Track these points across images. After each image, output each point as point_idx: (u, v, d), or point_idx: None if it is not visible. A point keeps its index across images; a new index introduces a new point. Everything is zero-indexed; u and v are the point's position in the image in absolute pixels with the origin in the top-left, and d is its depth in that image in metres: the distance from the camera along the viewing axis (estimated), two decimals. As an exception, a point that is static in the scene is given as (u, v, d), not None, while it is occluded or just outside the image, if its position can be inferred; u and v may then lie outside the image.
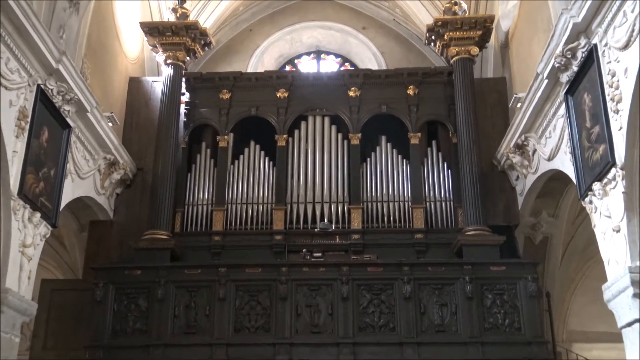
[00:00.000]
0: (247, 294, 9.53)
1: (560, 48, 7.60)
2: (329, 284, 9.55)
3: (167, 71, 11.40)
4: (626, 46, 6.38)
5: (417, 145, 11.28)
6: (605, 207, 6.87)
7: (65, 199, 8.77)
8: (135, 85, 12.08)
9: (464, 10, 11.37)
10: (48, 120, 7.95)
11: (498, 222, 10.60)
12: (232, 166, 11.38)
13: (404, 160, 11.25)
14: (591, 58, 7.05)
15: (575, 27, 7.25)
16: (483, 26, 11.12)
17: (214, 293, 9.50)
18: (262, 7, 15.33)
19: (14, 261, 7.30)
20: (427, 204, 10.91)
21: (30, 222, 7.58)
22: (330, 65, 15.68)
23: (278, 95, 11.62)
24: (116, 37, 11.74)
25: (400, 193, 10.99)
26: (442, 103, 11.52)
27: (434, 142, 11.42)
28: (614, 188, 6.68)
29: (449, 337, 9.21)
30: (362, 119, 11.48)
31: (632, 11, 6.27)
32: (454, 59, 11.23)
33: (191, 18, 11.85)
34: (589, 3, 6.90)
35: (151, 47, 11.75)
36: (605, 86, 6.77)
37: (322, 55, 15.84)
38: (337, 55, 15.87)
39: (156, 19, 12.93)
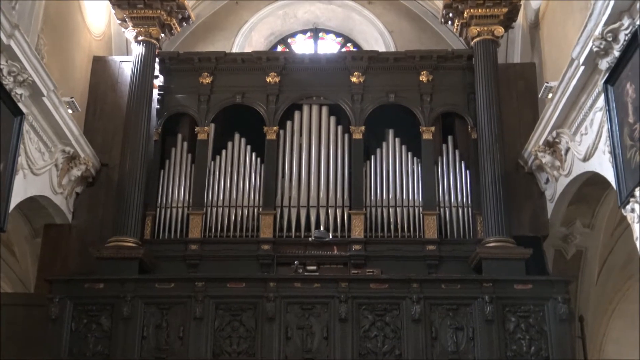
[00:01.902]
0: (229, 312, 9.54)
1: (599, 29, 7.60)
2: (324, 302, 9.55)
3: (138, 50, 11.38)
4: (677, 28, 6.40)
5: (430, 141, 11.30)
6: (650, 216, 6.87)
7: (16, 199, 8.73)
8: (100, 66, 12.04)
9: (488, -17, 11.37)
10: (-4, 105, 7.91)
11: (524, 233, 10.62)
12: (212, 162, 11.38)
13: (415, 158, 11.27)
14: (635, 41, 7.05)
15: (617, 5, 7.25)
16: (509, 2, 11.14)
17: (190, 311, 9.50)
18: (250, -24, 15.33)
19: (-46, 271, 7.29)
20: (441, 210, 10.93)
21: (-27, 225, 7.56)
22: (329, 46, 15.68)
23: (268, 80, 11.62)
24: (78, 9, 11.70)
25: (410, 197, 11.00)
26: (460, 92, 11.54)
27: (450, 138, 11.44)
28: (660, 194, 6.69)
29: (465, 366, 9.23)
30: (366, 110, 11.49)
31: (684, -13, 6.28)
32: (475, 40, 11.24)
33: (167, -12, 11.82)
34: (633, -23, 6.92)
35: (119, 22, 11.72)
36: (652, 75, 6.78)
37: (321, 34, 15.82)
38: (337, 35, 15.87)
39: (126, -12, 12.89)
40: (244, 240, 10.85)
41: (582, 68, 8.44)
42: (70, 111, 10.20)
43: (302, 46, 15.67)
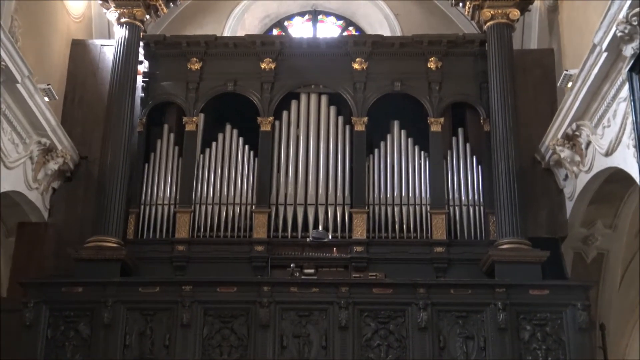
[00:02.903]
0: (219, 319, 9.54)
1: (623, 13, 7.60)
2: (323, 308, 9.56)
3: (121, 33, 11.36)
4: None
5: (439, 133, 11.31)
6: (678, 216, 6.89)
7: (-13, 194, 8.75)
8: (80, 50, 12.07)
9: (503, -38, 11.37)
10: (-34, 92, 7.93)
11: (540, 234, 10.66)
12: (201, 156, 11.38)
13: (422, 152, 11.29)
14: (663, 26, 7.07)
15: (643, -14, 7.26)
16: (526, -17, 11.18)
17: (176, 318, 9.50)
18: (243, -47, 15.32)
19: None
20: (451, 208, 10.94)
21: (-59, 222, 7.57)
22: (329, 30, 15.69)
23: (262, 67, 11.63)
24: (56, -12, 11.71)
25: (417, 194, 11.02)
26: (472, 80, 11.56)
27: (460, 130, 11.45)
28: (688, 192, 6.70)
29: (475, 378, 9.26)
30: (370, 99, 11.50)
31: None
32: (488, 24, 11.24)
33: (153, -35, 11.83)
34: (661, -45, 6.92)
35: (100, 2, 11.70)
36: (681, 62, 6.79)
37: (320, 17, 15.82)
38: (338, 17, 15.87)
39: (108, -35, 12.88)
40: (236, 241, 10.86)
41: (604, 55, 8.44)
42: (46, 99, 10.20)
43: (299, 30, 15.67)
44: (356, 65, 11.60)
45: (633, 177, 8.18)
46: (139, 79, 11.53)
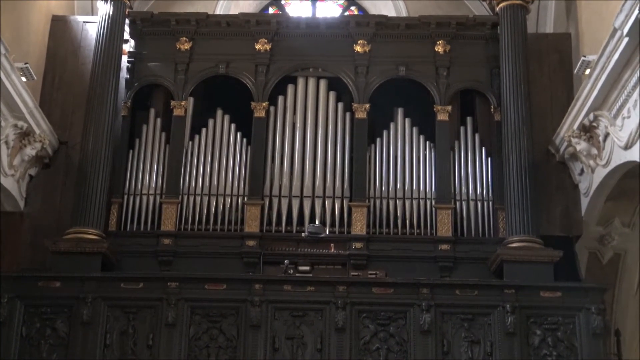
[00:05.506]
0: (206, 319, 9.56)
1: (647, -6, 7.59)
2: (318, 308, 9.59)
3: (105, 9, 11.33)
4: None
5: (447, 122, 11.34)
6: (701, 214, 6.90)
7: (-41, 181, 8.74)
8: (60, 27, 12.01)
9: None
10: (-62, 70, 7.91)
11: (553, 232, 10.67)
12: (190, 143, 11.40)
13: (428, 142, 11.31)
14: (689, 9, 7.06)
15: (668, -35, 7.26)
16: (542, -39, 11.18)
17: (161, 316, 9.52)
18: None
19: None
20: (457, 203, 10.98)
21: None
22: (330, 9, 15.68)
23: (257, 48, 11.64)
24: (35, -41, 11.67)
25: (421, 188, 11.04)
26: (483, 66, 11.60)
27: (469, 119, 11.49)
28: None
29: (481, 386, 9.30)
30: (372, 84, 11.52)
31: None
32: (501, 5, 11.24)
33: (140, -64, 11.82)
34: None
35: (84, -25, 11.71)
36: None
37: (320, -5, 15.83)
38: (340, -4, 15.88)
39: None
40: (226, 235, 10.89)
41: (625, 40, 8.42)
42: (24, 79, 10.16)
43: (297, 9, 15.64)
44: (358, 48, 11.60)
45: (654, 172, 8.19)
46: (124, 59, 11.50)
